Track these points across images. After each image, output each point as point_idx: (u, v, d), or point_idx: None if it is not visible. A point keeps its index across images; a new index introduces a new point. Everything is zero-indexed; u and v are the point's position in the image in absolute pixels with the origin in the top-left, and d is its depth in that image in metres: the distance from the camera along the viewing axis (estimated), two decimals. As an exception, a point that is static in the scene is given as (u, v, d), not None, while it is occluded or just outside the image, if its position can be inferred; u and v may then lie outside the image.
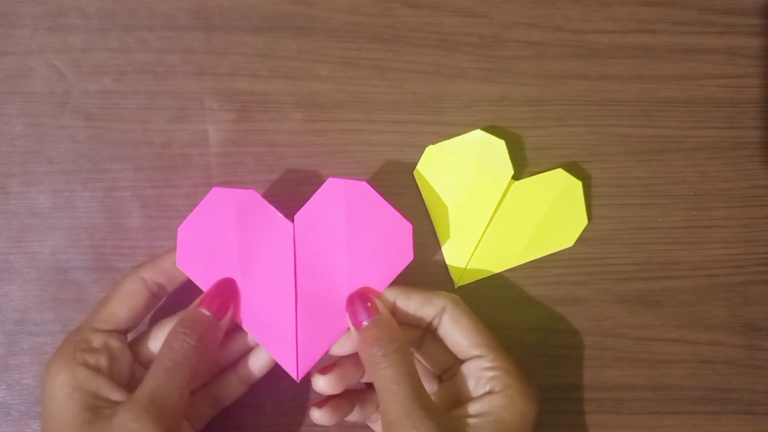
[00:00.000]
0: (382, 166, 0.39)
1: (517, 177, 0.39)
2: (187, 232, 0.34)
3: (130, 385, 0.33)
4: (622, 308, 0.40)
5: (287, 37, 0.40)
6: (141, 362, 0.35)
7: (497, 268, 0.39)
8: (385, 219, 0.34)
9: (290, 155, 0.39)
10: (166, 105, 0.39)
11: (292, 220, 0.35)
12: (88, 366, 0.32)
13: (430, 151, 0.39)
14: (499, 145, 0.38)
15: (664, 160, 0.40)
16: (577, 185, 0.39)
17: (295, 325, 0.34)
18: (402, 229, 0.34)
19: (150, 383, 0.31)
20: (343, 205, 0.34)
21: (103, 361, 0.33)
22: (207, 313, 0.33)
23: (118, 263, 0.38)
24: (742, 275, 0.40)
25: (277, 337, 0.34)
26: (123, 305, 0.34)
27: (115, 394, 0.32)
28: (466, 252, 0.39)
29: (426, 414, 0.30)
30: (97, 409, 0.31)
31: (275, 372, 0.35)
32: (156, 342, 0.34)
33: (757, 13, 0.41)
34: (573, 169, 0.40)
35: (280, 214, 0.34)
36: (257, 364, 0.36)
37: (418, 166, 0.39)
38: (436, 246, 0.39)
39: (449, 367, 0.35)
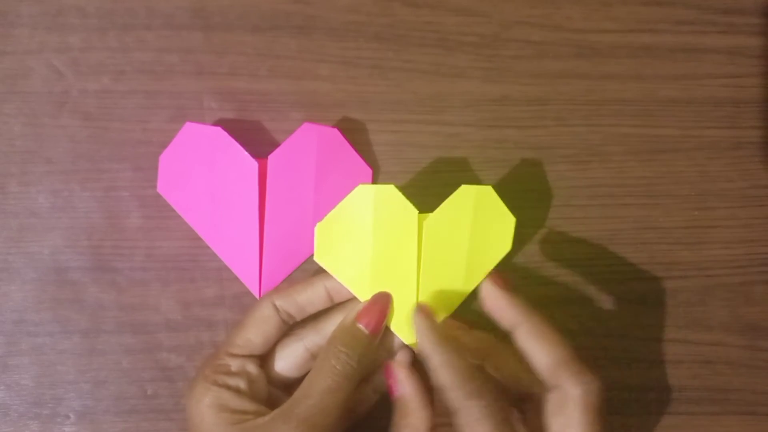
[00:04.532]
0: (382, 166, 0.39)
1: (518, 177, 0.39)
2: (167, 161, 0.38)
3: (267, 405, 0.33)
4: (623, 308, 0.39)
5: (287, 36, 0.40)
6: (271, 383, 0.35)
7: (447, 312, 0.35)
8: (350, 163, 0.38)
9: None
10: (165, 104, 0.39)
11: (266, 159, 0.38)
12: (230, 388, 0.33)
13: (321, 229, 0.34)
14: (389, 191, 0.34)
15: (665, 160, 0.40)
16: (488, 191, 0.35)
17: (260, 251, 0.38)
18: (364, 174, 0.39)
19: (307, 402, 0.31)
20: (315, 148, 0.38)
21: (242, 384, 0.33)
22: (365, 330, 0.33)
23: (116, 263, 0.38)
24: (743, 275, 0.40)
25: (242, 260, 0.38)
26: (257, 331, 0.34)
27: (262, 410, 0.32)
28: (406, 313, 0.35)
29: None
30: (245, 422, 0.32)
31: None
32: (283, 362, 0.35)
33: (758, 12, 0.41)
34: (573, 168, 0.40)
35: (245, 152, 0.37)
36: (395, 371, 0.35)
37: (315, 251, 0.34)
38: None
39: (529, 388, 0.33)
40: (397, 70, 0.40)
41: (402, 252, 0.35)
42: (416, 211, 0.34)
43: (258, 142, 0.39)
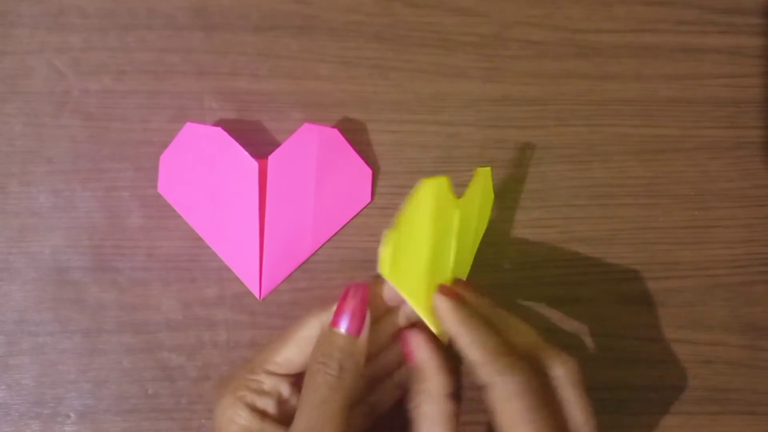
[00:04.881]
0: (383, 166, 0.39)
1: (518, 177, 0.39)
2: (167, 161, 0.38)
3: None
4: (623, 308, 0.39)
5: (287, 36, 0.40)
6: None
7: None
8: (351, 164, 0.38)
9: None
10: (165, 104, 0.39)
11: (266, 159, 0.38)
12: (255, 409, 0.32)
13: (393, 237, 0.30)
14: (444, 183, 0.31)
15: (666, 160, 0.40)
16: (487, 172, 0.36)
17: (260, 251, 0.38)
18: (364, 174, 0.39)
19: (302, 422, 0.30)
20: (315, 148, 0.38)
21: (270, 406, 0.32)
22: (342, 332, 0.31)
23: (117, 263, 0.38)
24: (743, 275, 0.40)
25: (243, 260, 0.38)
26: (300, 351, 0.33)
27: None
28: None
29: None
30: None
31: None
32: None
33: (759, 12, 0.41)
34: (573, 168, 0.40)
35: (246, 152, 0.37)
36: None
37: (382, 265, 0.30)
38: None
39: None
40: (397, 70, 0.40)
41: (445, 244, 0.33)
42: (457, 201, 0.32)
43: (258, 142, 0.39)
